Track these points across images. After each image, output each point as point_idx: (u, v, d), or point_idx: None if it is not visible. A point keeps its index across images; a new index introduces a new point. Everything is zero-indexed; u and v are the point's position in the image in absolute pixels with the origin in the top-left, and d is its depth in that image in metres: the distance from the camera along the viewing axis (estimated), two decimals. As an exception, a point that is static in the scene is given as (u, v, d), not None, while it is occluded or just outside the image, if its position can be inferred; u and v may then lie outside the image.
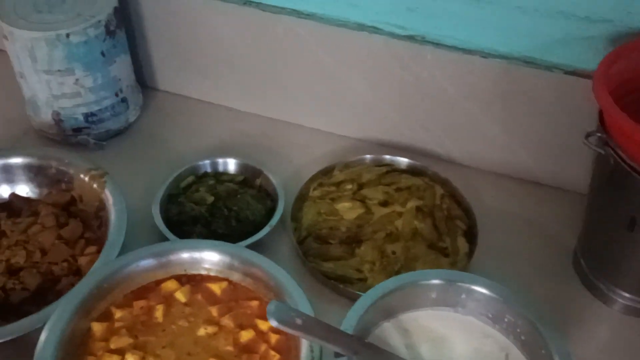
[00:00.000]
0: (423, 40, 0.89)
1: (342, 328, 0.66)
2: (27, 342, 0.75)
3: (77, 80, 0.96)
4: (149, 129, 1.09)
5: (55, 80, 0.95)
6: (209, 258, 0.79)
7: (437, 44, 0.88)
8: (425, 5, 0.87)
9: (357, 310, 0.68)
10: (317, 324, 0.63)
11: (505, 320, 0.70)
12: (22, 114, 1.07)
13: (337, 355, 0.63)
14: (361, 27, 0.92)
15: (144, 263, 0.78)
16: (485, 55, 0.87)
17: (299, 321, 0.61)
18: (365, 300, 0.69)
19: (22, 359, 0.75)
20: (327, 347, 0.63)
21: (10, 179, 0.90)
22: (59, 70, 0.94)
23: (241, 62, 1.04)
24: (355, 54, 0.95)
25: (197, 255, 0.79)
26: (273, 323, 0.61)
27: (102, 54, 0.96)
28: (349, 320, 0.67)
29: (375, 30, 0.91)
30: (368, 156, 0.96)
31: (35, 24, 0.92)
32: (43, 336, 0.69)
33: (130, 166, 1.00)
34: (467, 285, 0.70)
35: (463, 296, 0.71)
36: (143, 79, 1.13)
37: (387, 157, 0.95)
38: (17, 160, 0.90)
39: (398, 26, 0.90)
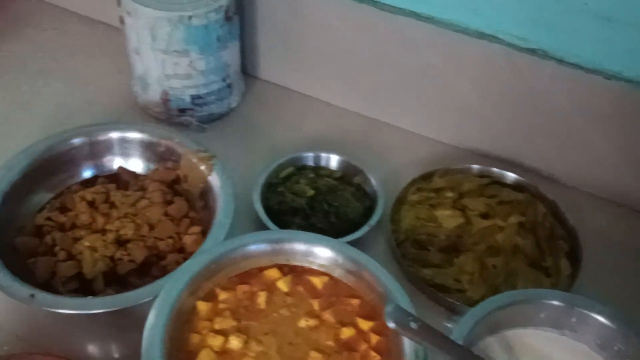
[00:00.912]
0: (544, 55, 0.88)
1: (451, 338, 0.65)
2: (131, 313, 0.78)
3: (191, 62, 0.98)
4: (249, 117, 1.10)
5: (171, 60, 0.97)
6: (313, 251, 0.79)
7: (560, 61, 0.87)
8: (550, 19, 0.85)
9: (468, 321, 0.67)
10: (430, 330, 0.63)
11: (615, 348, 0.69)
12: (127, 89, 1.10)
13: (447, 364, 0.63)
14: (481, 35, 0.91)
15: (250, 249, 0.78)
16: (608, 77, 0.85)
17: (414, 325, 0.61)
18: (477, 312, 0.68)
19: (124, 328, 0.78)
20: (437, 355, 0.63)
21: (119, 152, 0.93)
22: (175, 51, 0.96)
23: (349, 58, 1.05)
24: (468, 61, 0.94)
25: (301, 247, 0.79)
26: (390, 324, 0.61)
27: (218, 38, 0.98)
28: (459, 331, 0.66)
29: (495, 39, 0.90)
30: (475, 166, 0.95)
31: (160, 3, 0.94)
32: (154, 310, 0.71)
33: (228, 151, 1.01)
34: (582, 310, 0.68)
35: (574, 319, 0.70)
36: (245, 67, 1.14)
37: (495, 170, 0.94)
38: (129, 134, 0.92)
39: (520, 38, 0.88)
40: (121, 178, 0.92)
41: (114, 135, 0.91)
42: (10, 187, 0.84)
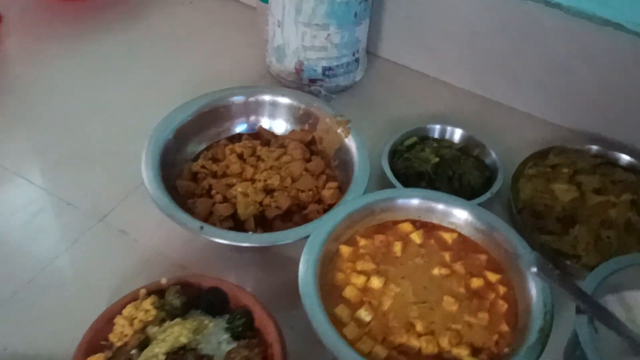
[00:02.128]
0: (669, 44, 0.93)
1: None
2: (277, 250, 0.88)
3: (328, 35, 1.07)
4: (370, 91, 1.18)
5: (310, 33, 1.06)
6: (443, 209, 0.87)
7: (684, 50, 0.92)
8: (678, 10, 0.90)
9: (594, 279, 0.74)
10: (567, 280, 0.70)
11: None
12: (258, 61, 1.20)
13: (578, 311, 0.70)
14: (606, 22, 0.97)
15: (386, 204, 0.87)
16: None
17: (555, 273, 0.68)
18: (601, 271, 0.75)
19: (268, 263, 0.87)
20: (572, 302, 0.70)
21: (267, 113, 1.03)
22: (317, 24, 1.05)
23: (471, 40, 1.12)
24: (592, 48, 1.00)
25: (432, 205, 0.87)
26: (533, 269, 0.68)
27: (355, 14, 1.06)
28: (586, 286, 0.73)
29: (619, 27, 0.96)
30: (590, 147, 1.01)
31: (308, -20, 1.03)
32: (306, 249, 0.80)
33: (352, 120, 1.10)
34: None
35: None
36: (367, 45, 1.22)
37: (609, 152, 1.00)
38: (278, 98, 1.02)
39: (645, 27, 0.94)
40: (262, 137, 1.02)
41: (266, 97, 1.02)
42: (172, 136, 0.95)
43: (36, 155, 1.04)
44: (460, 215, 0.86)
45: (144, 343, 0.72)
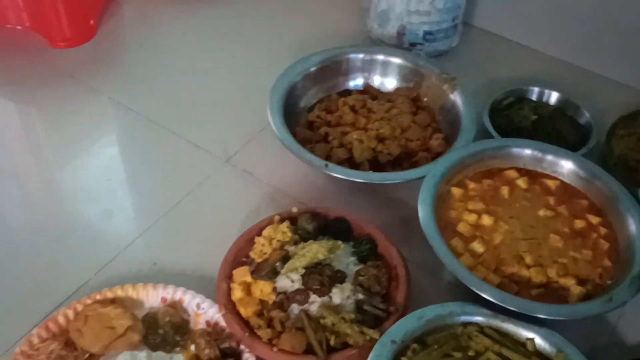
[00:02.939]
0: None
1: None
2: (388, 190, 0.97)
3: (432, 0, 1.14)
4: (465, 56, 1.25)
5: (416, -1, 1.14)
6: (547, 158, 0.94)
7: None
8: None
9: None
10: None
11: None
12: (356, 27, 1.29)
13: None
14: None
15: (493, 151, 0.95)
16: None
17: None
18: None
19: (374, 203, 0.96)
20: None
21: (379, 71, 1.11)
22: (424, -10, 1.13)
23: (565, 9, 1.18)
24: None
25: (537, 154, 0.95)
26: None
27: (459, -19, 1.14)
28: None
29: None
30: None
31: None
32: (423, 188, 0.88)
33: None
34: None
35: None
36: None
37: None
38: (391, 58, 1.10)
39: None
40: (369, 92, 1.11)
41: (380, 56, 1.10)
42: (290, 88, 1.04)
43: (168, 104, 1.14)
44: (565, 164, 0.93)
45: (285, 258, 0.81)
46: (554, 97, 1.11)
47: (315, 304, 0.78)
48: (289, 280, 0.79)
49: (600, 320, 0.85)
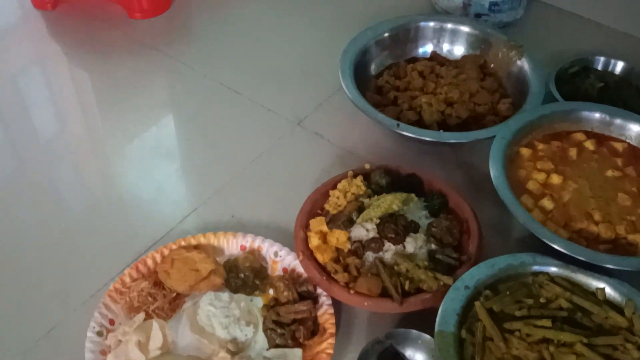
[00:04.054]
0: None
1: None
2: (449, 155, 1.00)
3: (500, -29, 1.16)
4: (529, 28, 1.27)
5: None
6: (615, 122, 0.95)
7: None
8: None
9: None
10: None
11: None
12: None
13: None
14: None
15: (561, 115, 0.96)
16: None
17: None
18: None
19: (441, 163, 0.99)
20: None
21: (447, 39, 1.14)
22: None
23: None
24: None
25: (605, 117, 0.96)
26: None
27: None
28: None
29: None
30: None
31: None
32: (494, 147, 0.90)
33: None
34: None
35: None
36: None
37: None
38: (459, 26, 1.13)
39: None
40: (437, 59, 1.13)
41: (449, 25, 1.13)
42: (361, 53, 1.08)
43: (241, 71, 1.19)
44: (633, 128, 0.95)
45: (360, 209, 0.85)
46: (619, 66, 1.12)
47: (389, 252, 0.81)
48: (364, 230, 0.83)
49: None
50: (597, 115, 0.96)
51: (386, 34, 1.11)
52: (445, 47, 1.14)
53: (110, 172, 1.05)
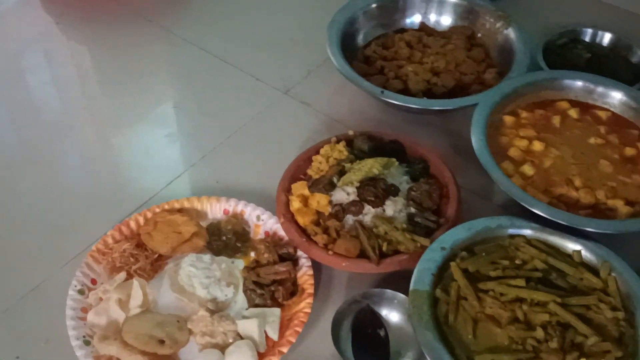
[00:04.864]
0: None
1: None
2: (436, 123, 1.00)
3: (489, -59, 1.16)
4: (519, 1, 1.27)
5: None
6: (598, 90, 0.96)
7: None
8: None
9: None
10: None
11: None
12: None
13: None
14: None
15: (545, 83, 0.97)
16: None
17: None
18: None
19: (428, 131, 0.99)
20: None
21: (434, 10, 1.13)
22: None
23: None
24: None
25: (588, 85, 0.96)
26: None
27: None
28: None
29: None
30: None
31: None
32: (476, 114, 0.91)
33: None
34: None
35: None
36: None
37: None
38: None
39: None
40: (425, 30, 1.13)
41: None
42: (348, 22, 1.08)
43: (233, 41, 1.20)
44: (615, 95, 0.95)
45: (342, 172, 0.86)
46: (606, 38, 1.12)
47: (369, 214, 0.82)
48: (345, 193, 0.84)
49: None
50: (579, 83, 0.96)
51: (374, 4, 1.11)
52: (433, 17, 1.14)
53: (100, 136, 1.07)
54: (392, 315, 0.78)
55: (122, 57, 1.17)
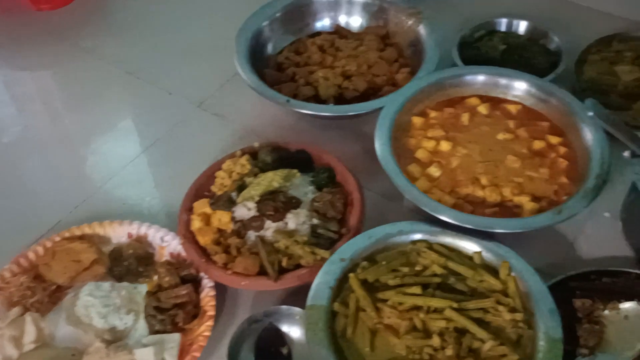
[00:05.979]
0: None
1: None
2: (349, 128, 0.98)
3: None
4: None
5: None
6: (508, 83, 0.94)
7: None
8: None
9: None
10: (625, 126, 0.76)
11: None
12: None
13: (633, 155, 0.76)
14: None
15: (454, 80, 0.95)
16: None
17: (612, 118, 0.74)
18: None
19: (341, 132, 0.97)
20: (628, 145, 0.76)
21: (344, 11, 1.11)
22: None
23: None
24: None
25: (491, 78, 0.95)
26: (589, 114, 0.75)
27: None
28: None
29: None
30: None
31: None
32: (380, 119, 0.89)
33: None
34: None
35: None
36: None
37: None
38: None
39: None
40: (340, 33, 1.11)
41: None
42: (256, 32, 1.06)
43: (146, 56, 1.17)
44: (520, 86, 0.93)
45: (242, 188, 0.84)
46: (522, 26, 1.10)
47: (270, 229, 0.80)
48: (246, 209, 0.82)
49: (558, 236, 0.86)
50: (482, 77, 0.95)
51: (281, 11, 1.08)
52: (344, 19, 1.11)
53: (3, 162, 1.04)
54: (294, 332, 0.76)
55: (29, 77, 1.15)
